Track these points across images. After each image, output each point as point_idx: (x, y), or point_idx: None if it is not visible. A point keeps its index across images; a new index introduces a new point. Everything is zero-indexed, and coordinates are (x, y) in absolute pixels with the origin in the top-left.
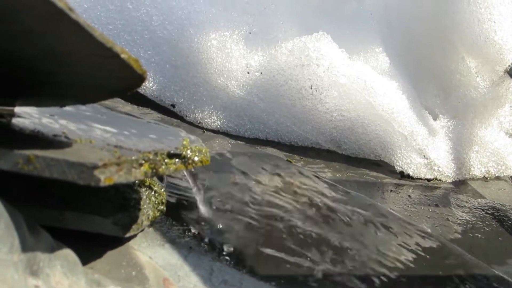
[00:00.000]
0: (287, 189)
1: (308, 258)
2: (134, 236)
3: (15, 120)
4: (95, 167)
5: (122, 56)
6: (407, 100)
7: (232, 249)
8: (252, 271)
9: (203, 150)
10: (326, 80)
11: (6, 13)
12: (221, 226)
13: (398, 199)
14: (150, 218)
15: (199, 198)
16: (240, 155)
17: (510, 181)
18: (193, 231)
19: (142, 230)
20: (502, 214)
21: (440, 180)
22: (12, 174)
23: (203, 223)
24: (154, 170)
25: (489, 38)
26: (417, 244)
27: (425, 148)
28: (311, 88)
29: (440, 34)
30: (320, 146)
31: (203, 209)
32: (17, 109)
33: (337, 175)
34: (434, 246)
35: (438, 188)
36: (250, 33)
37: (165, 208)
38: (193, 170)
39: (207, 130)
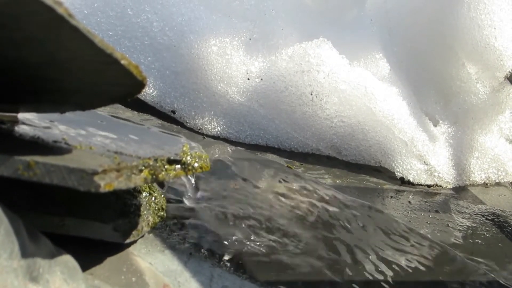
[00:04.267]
0: (287, 195)
1: (308, 264)
2: (134, 242)
3: (15, 127)
4: (95, 173)
5: (122, 62)
6: (408, 106)
7: (232, 255)
8: (252, 277)
9: (203, 156)
10: (326, 86)
11: (8, 19)
12: (221, 232)
13: (399, 205)
14: (150, 224)
15: (199, 204)
16: (240, 161)
17: (510, 187)
18: (193, 237)
19: (142, 236)
20: (502, 220)
21: (440, 186)
22: (13, 180)
23: (203, 229)
24: (154, 176)
25: (490, 44)
26: (417, 250)
27: (425, 154)
28: (311, 94)
29: (441, 40)
30: (320, 152)
31: (203, 215)
32: (19, 116)
33: (337, 181)
34: (434, 252)
35: (438, 194)
36: (250, 39)
37: (165, 214)
38: (193, 176)
39: (207, 136)
